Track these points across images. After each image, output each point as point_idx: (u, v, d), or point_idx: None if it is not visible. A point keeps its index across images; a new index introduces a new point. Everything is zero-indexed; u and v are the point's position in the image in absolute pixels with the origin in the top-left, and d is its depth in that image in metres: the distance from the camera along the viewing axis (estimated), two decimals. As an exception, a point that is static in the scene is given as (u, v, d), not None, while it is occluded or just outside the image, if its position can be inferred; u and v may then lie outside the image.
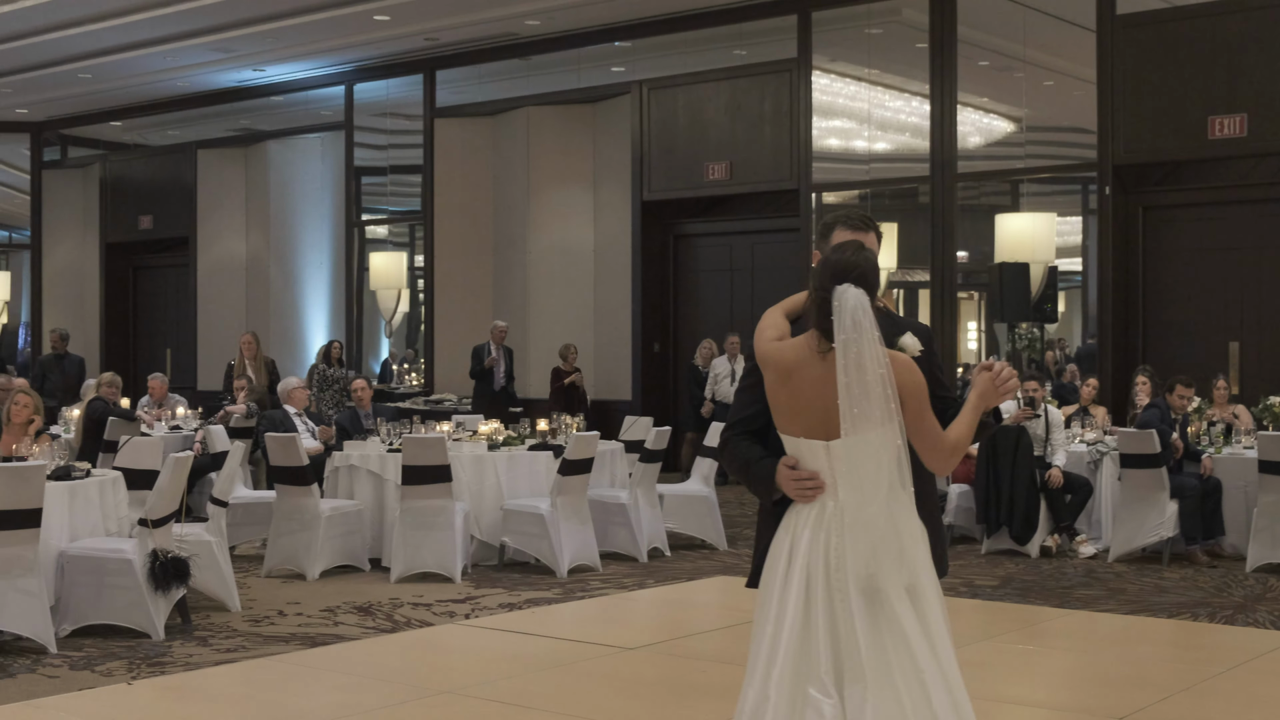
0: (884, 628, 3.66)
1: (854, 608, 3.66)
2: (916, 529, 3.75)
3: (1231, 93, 13.29)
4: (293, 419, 11.50)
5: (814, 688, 3.66)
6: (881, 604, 3.67)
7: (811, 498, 3.77)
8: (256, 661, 7.22)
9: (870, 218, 4.24)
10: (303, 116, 20.68)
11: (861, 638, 3.64)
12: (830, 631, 3.68)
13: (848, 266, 3.76)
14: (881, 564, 3.67)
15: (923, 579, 3.72)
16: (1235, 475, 10.58)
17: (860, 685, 3.63)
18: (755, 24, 16.30)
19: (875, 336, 3.67)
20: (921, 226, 15.31)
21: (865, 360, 3.65)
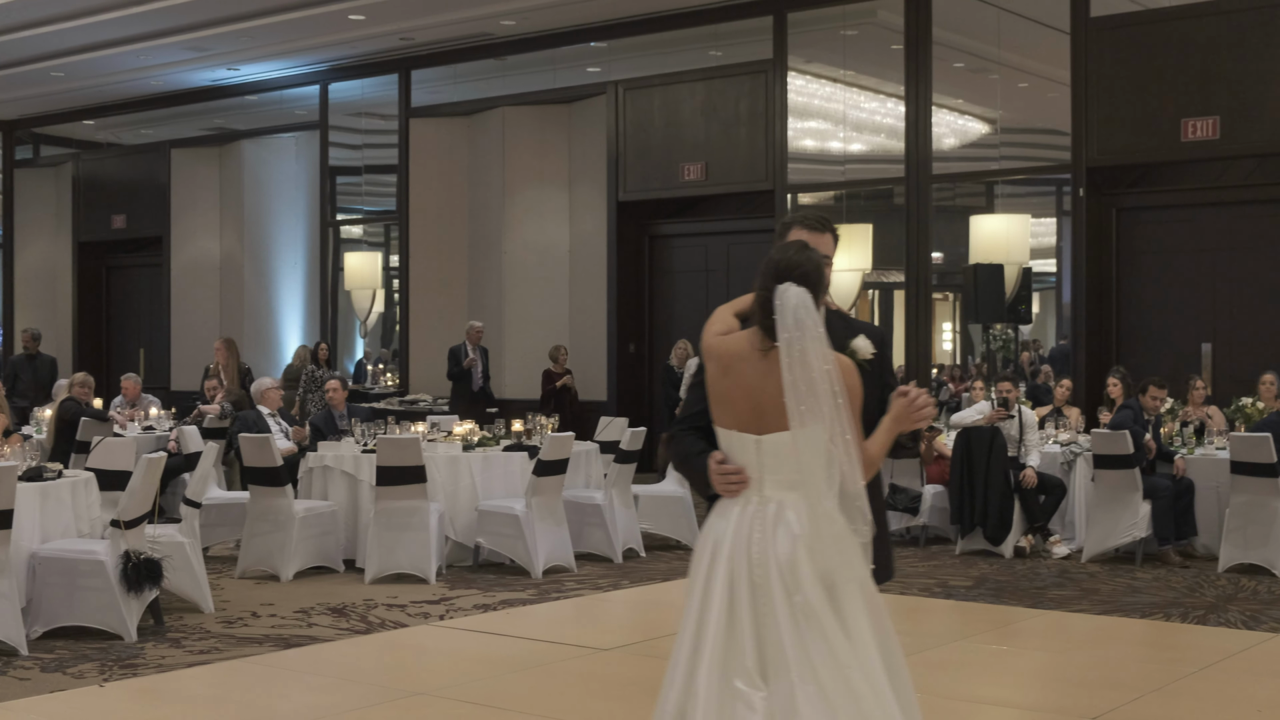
0: (806, 623, 3.64)
1: (776, 603, 3.65)
2: (842, 529, 3.73)
3: (1204, 95, 13.35)
4: (266, 419, 11.46)
5: (740, 680, 3.65)
6: (805, 599, 3.65)
7: (736, 492, 3.77)
8: (230, 663, 7.19)
9: (827, 219, 4.22)
10: (277, 116, 20.61)
11: (785, 633, 3.63)
12: (755, 626, 3.67)
13: (790, 265, 3.77)
14: (820, 561, 3.67)
15: (852, 577, 3.70)
16: (1208, 476, 10.63)
17: (786, 679, 3.62)
18: (731, 25, 16.31)
19: (819, 335, 3.68)
20: (896, 228, 15.34)
21: (810, 358, 3.65)
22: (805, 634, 3.63)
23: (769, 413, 3.72)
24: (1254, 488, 9.96)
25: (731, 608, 3.70)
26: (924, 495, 11.40)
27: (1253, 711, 6.22)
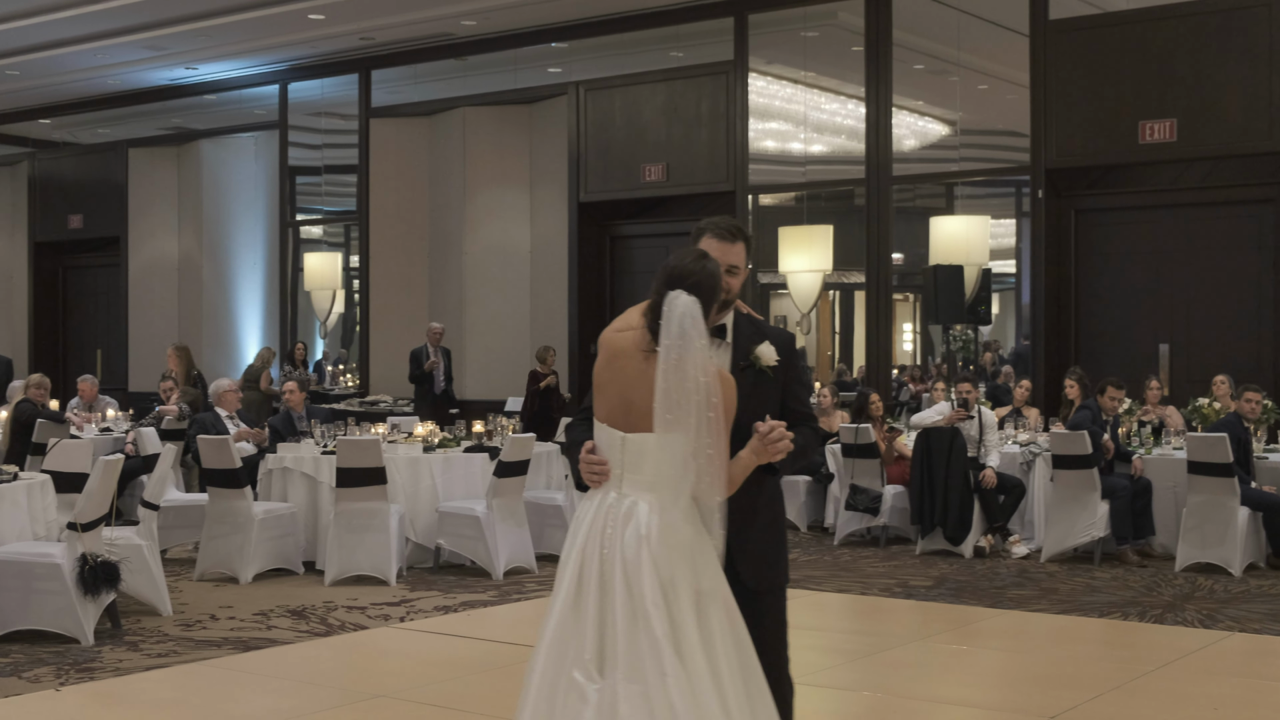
0: (640, 624, 3.64)
1: (617, 598, 3.66)
2: (688, 538, 3.73)
3: (1161, 98, 13.45)
4: (224, 421, 11.39)
5: (578, 671, 3.66)
6: (641, 600, 3.65)
7: (598, 483, 3.84)
8: (188, 666, 7.14)
9: (741, 228, 4.18)
10: (236, 115, 20.49)
11: (621, 630, 3.64)
12: (598, 617, 3.68)
13: (683, 274, 3.80)
14: (662, 567, 3.68)
15: (694, 586, 3.69)
16: (1165, 476, 10.71)
17: (615, 675, 3.62)
18: (692, 26, 16.33)
19: (701, 346, 3.70)
20: (857, 229, 15.39)
21: (687, 367, 3.68)
22: (639, 634, 3.63)
23: (638, 412, 3.76)
24: (1211, 487, 10.03)
25: (578, 597, 3.72)
26: (884, 496, 11.44)
27: (1209, 709, 6.26)
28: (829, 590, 9.45)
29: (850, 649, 7.75)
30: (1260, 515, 10.13)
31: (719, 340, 4.03)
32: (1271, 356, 13.08)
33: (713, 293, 3.83)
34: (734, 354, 4.05)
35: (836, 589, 9.49)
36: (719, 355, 4.04)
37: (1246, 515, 9.98)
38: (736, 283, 4.04)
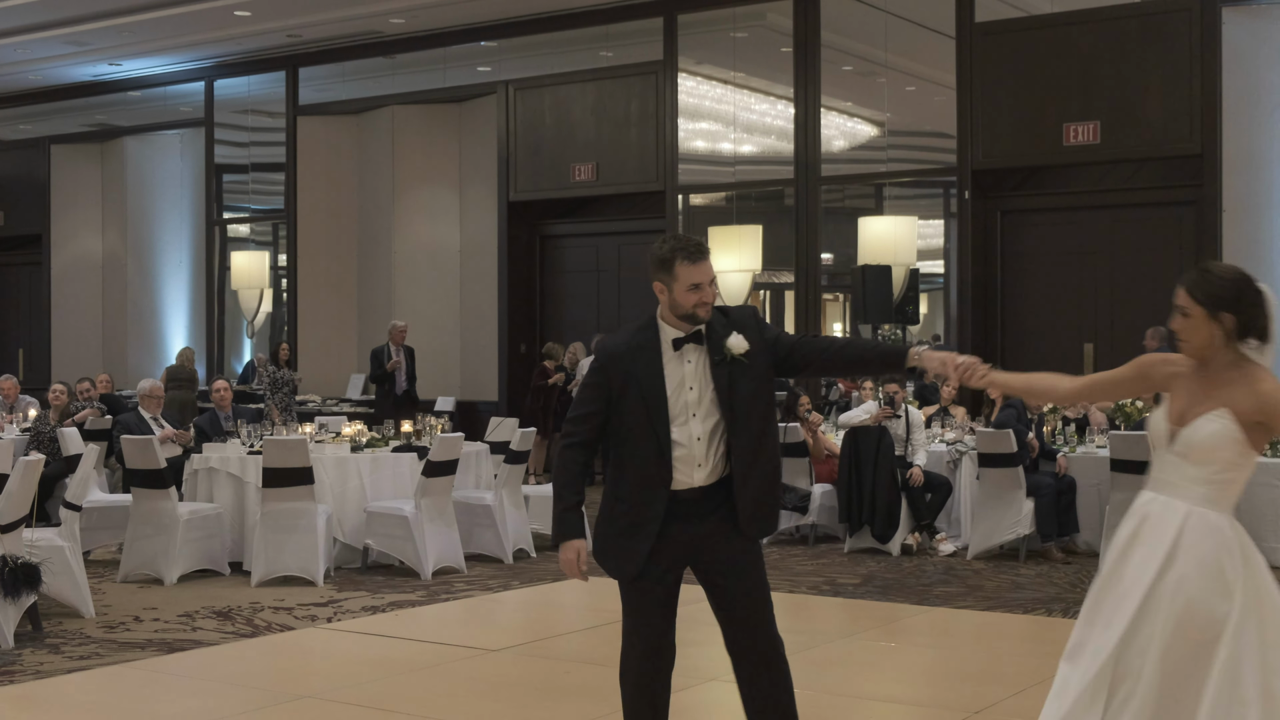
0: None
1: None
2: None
3: (1085, 101, 13.62)
4: (148, 422, 11.26)
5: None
6: None
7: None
8: (110, 669, 7.05)
9: (700, 243, 4.43)
10: (161, 112, 20.28)
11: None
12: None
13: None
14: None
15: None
16: (1089, 474, 10.83)
17: None
18: (621, 26, 16.35)
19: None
20: (786, 229, 15.46)
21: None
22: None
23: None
24: (1133, 485, 10.12)
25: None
26: (812, 494, 11.49)
27: (1131, 703, 6.34)
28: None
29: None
30: (1181, 512, 10.27)
31: (696, 345, 4.35)
32: (1192, 356, 13.27)
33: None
34: (710, 352, 4.35)
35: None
36: (698, 359, 4.34)
37: (1168, 512, 10.10)
38: (711, 294, 4.35)
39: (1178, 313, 3.96)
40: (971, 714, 6.17)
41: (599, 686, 6.70)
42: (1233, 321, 3.88)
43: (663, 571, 4.44)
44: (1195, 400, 3.92)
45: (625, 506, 4.43)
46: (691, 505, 4.39)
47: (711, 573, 4.44)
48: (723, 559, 4.42)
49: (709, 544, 4.41)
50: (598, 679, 6.87)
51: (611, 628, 8.22)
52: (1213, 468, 3.88)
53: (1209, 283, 3.93)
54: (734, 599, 4.44)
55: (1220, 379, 3.91)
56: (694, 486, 4.38)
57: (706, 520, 4.39)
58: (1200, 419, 3.88)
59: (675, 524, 4.39)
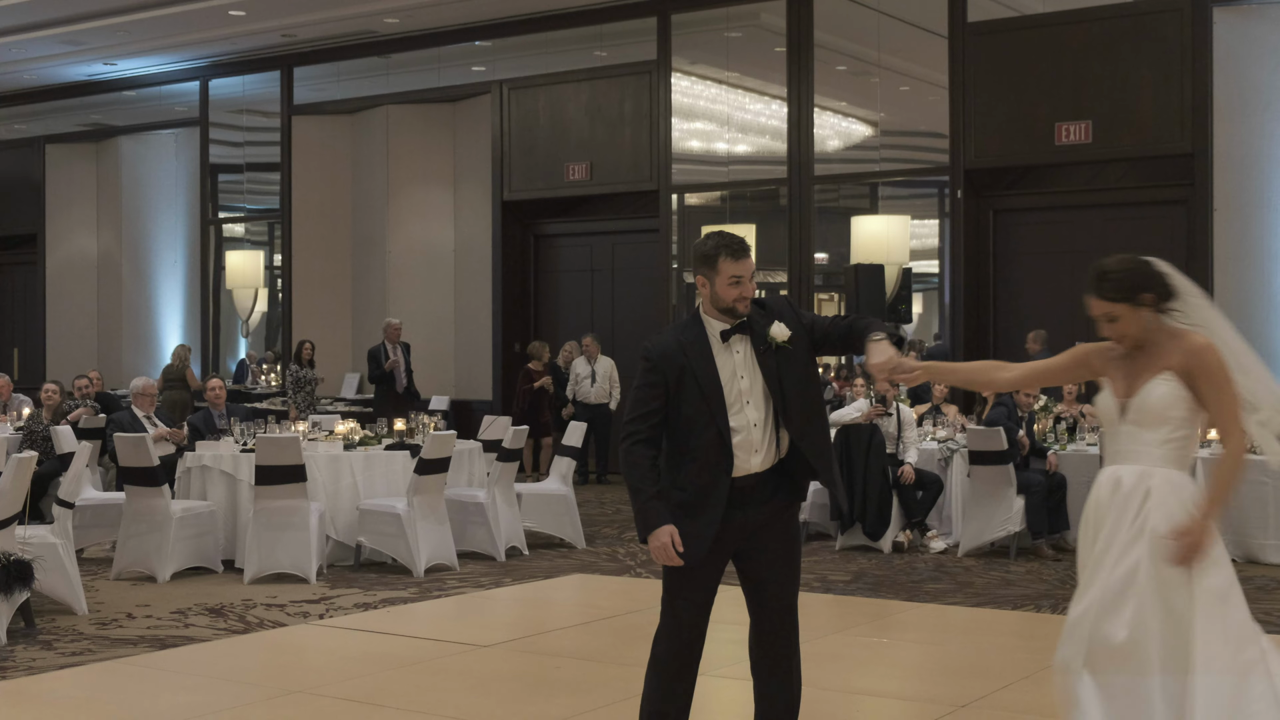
0: None
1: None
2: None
3: (1077, 100, 13.66)
4: (141, 421, 11.28)
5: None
6: None
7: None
8: (103, 664, 7.08)
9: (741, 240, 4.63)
10: (156, 112, 20.30)
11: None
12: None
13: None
14: None
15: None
16: (1079, 471, 10.86)
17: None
18: (615, 25, 16.38)
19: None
20: (780, 228, 15.50)
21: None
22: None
23: None
24: (1123, 482, 10.19)
25: None
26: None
27: (1117, 697, 6.38)
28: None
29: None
30: (1171, 509, 10.31)
31: (741, 336, 4.56)
32: (1184, 354, 13.32)
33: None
34: (753, 342, 4.58)
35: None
36: (745, 349, 4.56)
37: (1158, 509, 10.15)
38: (751, 289, 4.57)
39: (1104, 322, 4.22)
40: (959, 708, 6.21)
41: (590, 681, 6.74)
42: (1152, 297, 4.16)
43: (714, 562, 4.63)
44: (1137, 373, 4.18)
45: (687, 494, 4.57)
46: (748, 492, 4.58)
47: (755, 558, 4.65)
48: (769, 546, 4.64)
49: (761, 530, 4.62)
50: (589, 674, 6.91)
51: (603, 623, 8.27)
52: (1167, 428, 4.10)
53: (1115, 279, 4.21)
54: (771, 588, 4.66)
55: (1156, 350, 4.18)
56: (751, 473, 4.58)
57: (762, 507, 4.60)
58: (1147, 385, 4.12)
59: (734, 510, 4.58)
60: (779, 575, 4.66)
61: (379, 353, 16.04)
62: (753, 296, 4.59)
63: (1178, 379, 4.11)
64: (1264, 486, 10.35)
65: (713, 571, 4.64)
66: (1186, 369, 4.11)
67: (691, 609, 4.65)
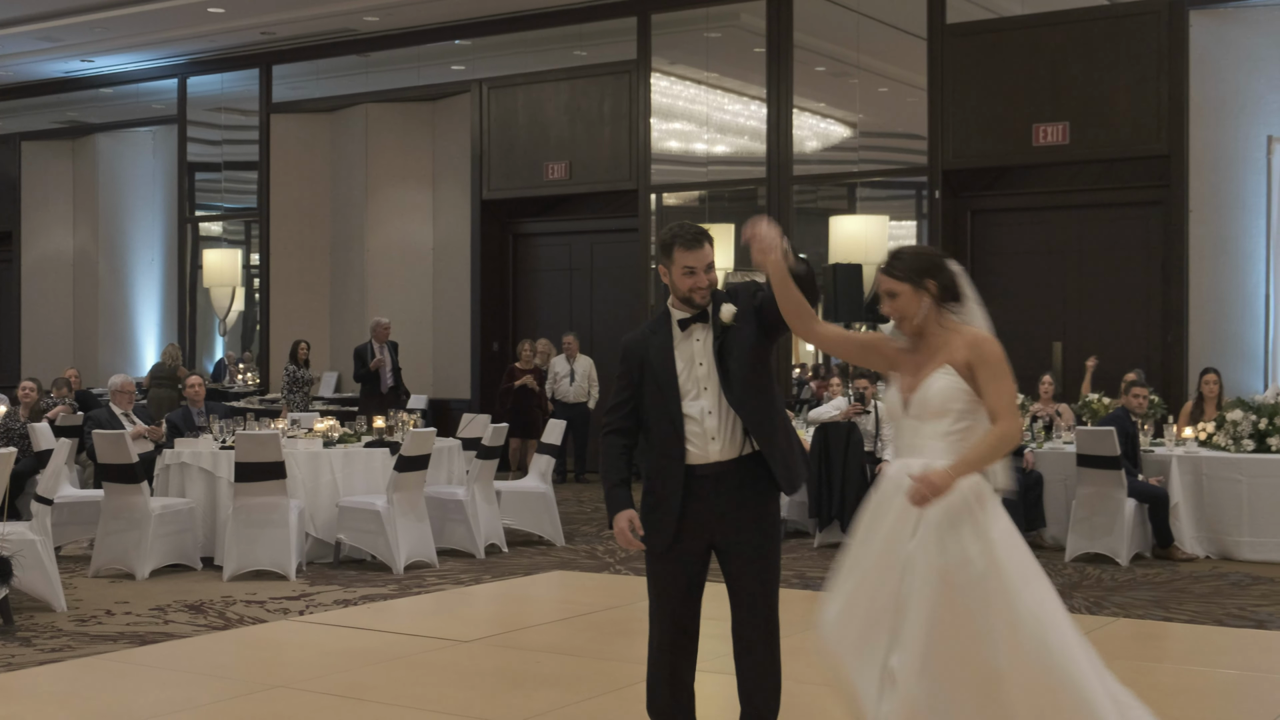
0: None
1: None
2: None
3: (1054, 101, 13.74)
4: (119, 418, 11.26)
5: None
6: None
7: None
8: (83, 660, 7.07)
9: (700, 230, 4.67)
10: (134, 109, 20.24)
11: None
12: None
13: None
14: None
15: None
16: (1056, 469, 10.94)
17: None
18: (595, 25, 16.40)
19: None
20: (758, 228, 15.51)
21: None
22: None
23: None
24: (1099, 480, 10.28)
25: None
26: (783, 490, 11.55)
27: (1094, 692, 6.43)
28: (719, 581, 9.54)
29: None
30: (1146, 507, 10.40)
31: (703, 324, 4.62)
32: (1160, 353, 13.42)
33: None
34: (713, 328, 4.65)
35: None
36: (705, 337, 4.61)
37: (1133, 507, 10.24)
38: (706, 279, 4.61)
39: (886, 298, 4.35)
40: (937, 702, 6.24)
41: (569, 676, 6.75)
42: (936, 286, 4.32)
43: (686, 551, 4.66)
44: (918, 368, 4.32)
45: (654, 484, 4.66)
46: (710, 482, 4.61)
47: (728, 552, 4.68)
48: (739, 540, 4.65)
49: (728, 523, 4.63)
50: (568, 669, 6.93)
51: (583, 619, 8.29)
52: (948, 420, 4.23)
53: (905, 260, 4.35)
54: (742, 580, 4.68)
55: (935, 345, 4.32)
56: (710, 461, 4.60)
57: (727, 498, 4.61)
58: (928, 379, 4.26)
59: (695, 502, 4.61)
60: (751, 569, 4.66)
61: (365, 351, 15.83)
62: (709, 286, 4.62)
63: (957, 372, 4.24)
64: (1238, 484, 10.44)
65: (688, 561, 4.66)
66: (967, 361, 4.24)
67: (669, 599, 4.69)
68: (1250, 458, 10.49)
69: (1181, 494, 10.51)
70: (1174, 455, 10.66)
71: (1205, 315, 13.24)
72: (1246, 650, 7.49)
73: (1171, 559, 10.36)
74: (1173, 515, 10.44)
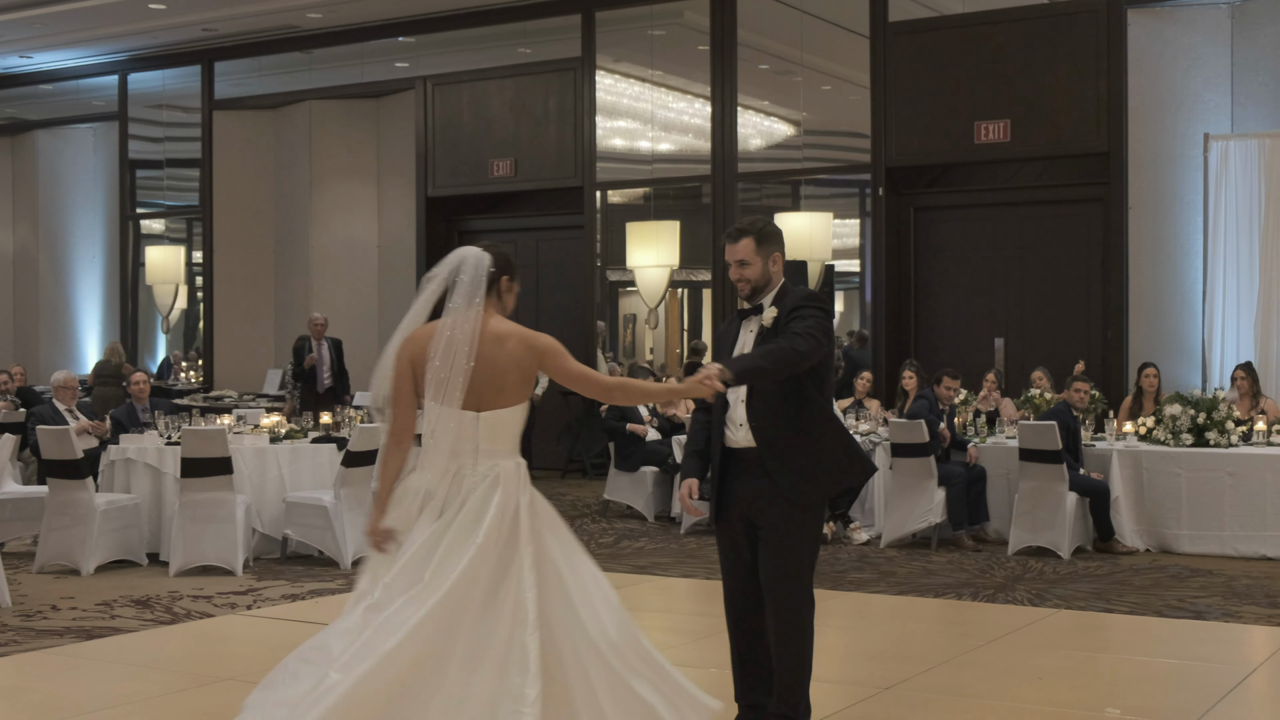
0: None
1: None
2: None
3: (996, 99, 13.89)
4: (63, 414, 11.18)
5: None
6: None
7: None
8: (30, 655, 7.04)
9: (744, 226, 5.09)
10: (74, 106, 20.08)
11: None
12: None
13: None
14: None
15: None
16: (999, 464, 11.07)
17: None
18: (539, 22, 16.42)
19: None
20: (704, 226, 15.61)
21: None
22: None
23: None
24: (1040, 474, 10.41)
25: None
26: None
27: (1034, 678, 6.54)
28: (675, 575, 9.61)
29: (696, 629, 7.91)
30: (1087, 500, 10.54)
31: (756, 316, 4.99)
32: (1100, 349, 13.60)
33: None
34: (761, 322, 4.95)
35: (683, 574, 9.66)
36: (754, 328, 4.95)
37: (1075, 500, 10.37)
38: (750, 271, 4.98)
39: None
40: (883, 689, 6.33)
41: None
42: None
43: (729, 527, 4.98)
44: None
45: (714, 460, 5.00)
46: (742, 463, 4.89)
47: (758, 531, 4.89)
48: (763, 520, 4.87)
49: (756, 504, 4.89)
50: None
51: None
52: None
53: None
54: (763, 565, 4.90)
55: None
56: (739, 446, 4.89)
57: (755, 480, 4.87)
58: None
59: (731, 480, 4.92)
60: (768, 554, 4.88)
61: (303, 347, 15.42)
62: (745, 280, 4.97)
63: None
64: (1177, 478, 10.60)
65: (735, 536, 4.96)
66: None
67: (724, 568, 5.05)
68: (1188, 451, 10.65)
69: (1122, 488, 10.66)
70: (1114, 449, 10.82)
71: (1144, 311, 13.43)
72: (1185, 641, 7.62)
73: (1112, 552, 10.51)
74: (1113, 509, 10.58)
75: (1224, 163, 13.05)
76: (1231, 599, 8.67)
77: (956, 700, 6.18)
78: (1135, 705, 6.06)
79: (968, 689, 6.39)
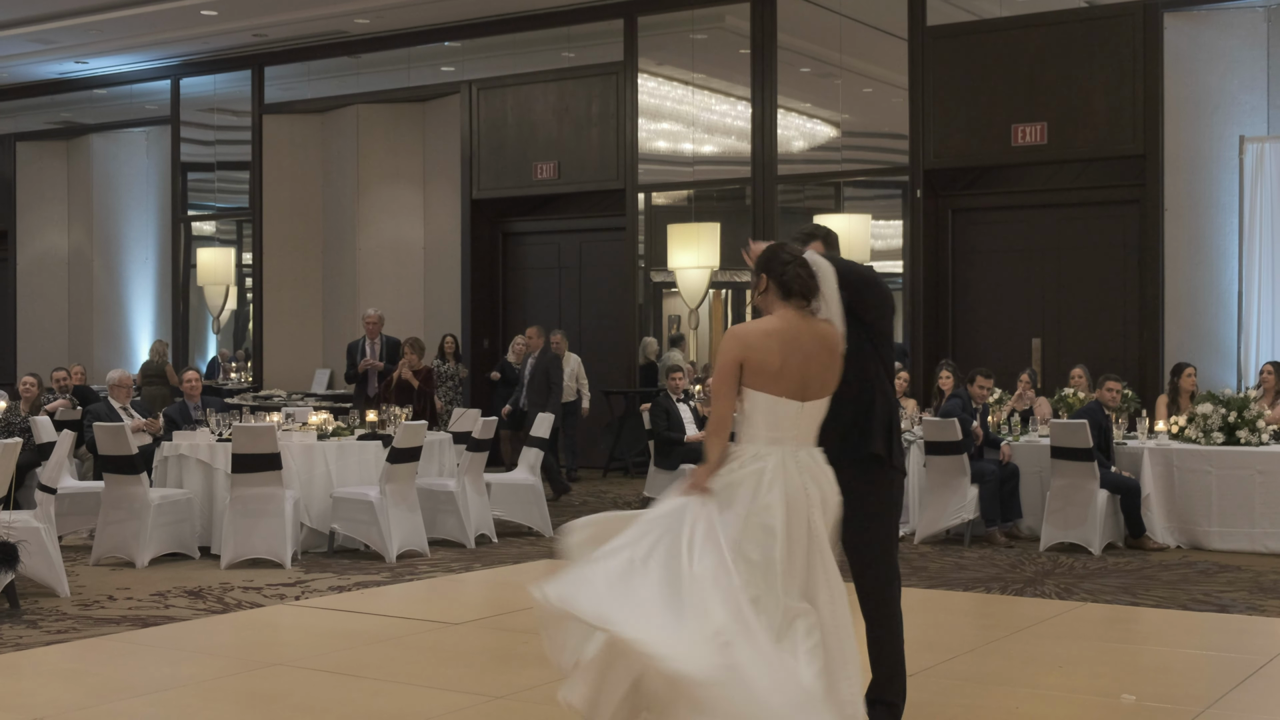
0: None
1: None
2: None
3: (1032, 102, 14.03)
4: (118, 412, 11.51)
5: (793, 600, 4.68)
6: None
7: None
8: (88, 641, 7.34)
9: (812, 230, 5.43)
10: (127, 110, 20.47)
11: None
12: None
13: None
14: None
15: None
16: (1031, 461, 11.22)
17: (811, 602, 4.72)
18: (583, 27, 16.66)
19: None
20: (744, 227, 15.80)
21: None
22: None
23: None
24: (1072, 471, 10.56)
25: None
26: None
27: (1054, 667, 6.72)
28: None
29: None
30: (1118, 498, 10.68)
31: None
32: (1135, 349, 13.72)
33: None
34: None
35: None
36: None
37: (1105, 498, 10.52)
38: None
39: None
40: (909, 676, 6.51)
41: (556, 654, 7.01)
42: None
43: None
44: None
45: None
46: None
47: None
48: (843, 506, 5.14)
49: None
50: (555, 648, 7.19)
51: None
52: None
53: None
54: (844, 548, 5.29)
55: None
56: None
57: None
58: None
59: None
60: (844, 535, 5.39)
61: (355, 349, 14.93)
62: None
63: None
64: (1208, 476, 10.74)
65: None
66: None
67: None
68: (1219, 450, 10.78)
69: (1153, 485, 10.80)
70: (1146, 448, 10.95)
71: (1180, 311, 13.54)
72: (1206, 632, 7.78)
73: (1143, 549, 10.65)
74: (1144, 506, 10.72)
75: (1259, 164, 13.14)
76: (1258, 594, 8.81)
77: (975, 686, 6.38)
78: (1152, 692, 6.24)
79: (988, 676, 6.58)
